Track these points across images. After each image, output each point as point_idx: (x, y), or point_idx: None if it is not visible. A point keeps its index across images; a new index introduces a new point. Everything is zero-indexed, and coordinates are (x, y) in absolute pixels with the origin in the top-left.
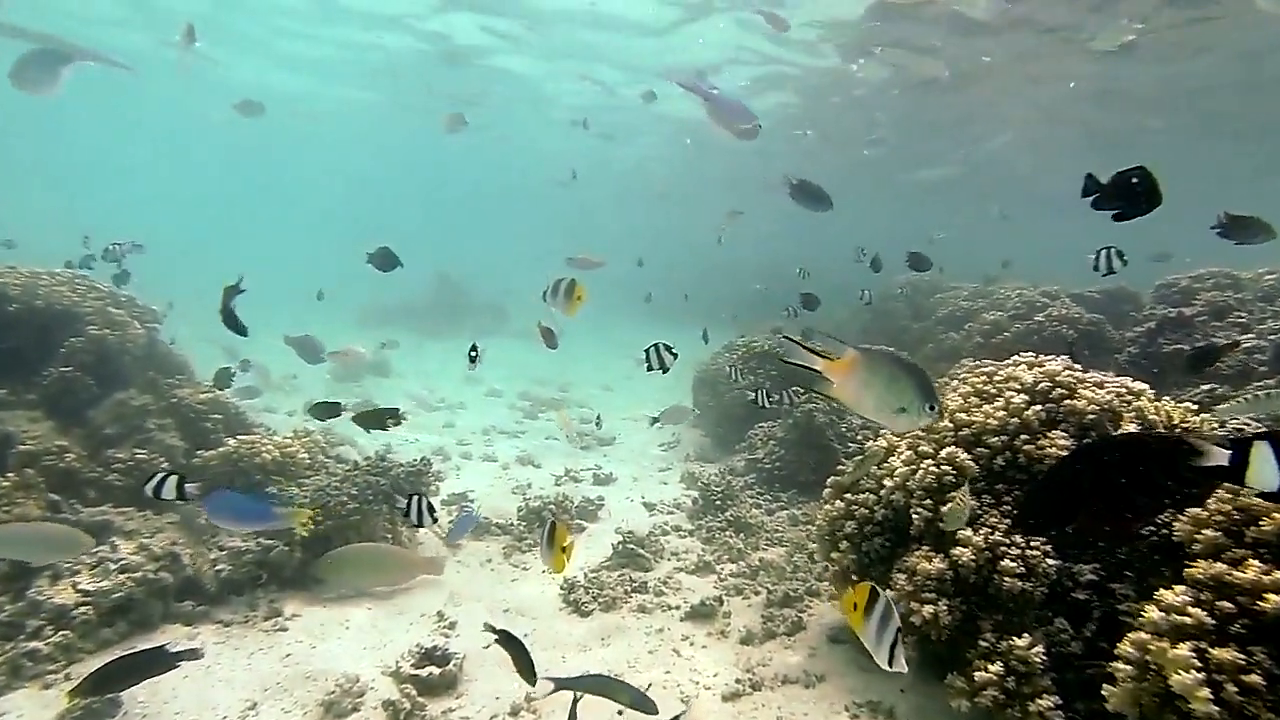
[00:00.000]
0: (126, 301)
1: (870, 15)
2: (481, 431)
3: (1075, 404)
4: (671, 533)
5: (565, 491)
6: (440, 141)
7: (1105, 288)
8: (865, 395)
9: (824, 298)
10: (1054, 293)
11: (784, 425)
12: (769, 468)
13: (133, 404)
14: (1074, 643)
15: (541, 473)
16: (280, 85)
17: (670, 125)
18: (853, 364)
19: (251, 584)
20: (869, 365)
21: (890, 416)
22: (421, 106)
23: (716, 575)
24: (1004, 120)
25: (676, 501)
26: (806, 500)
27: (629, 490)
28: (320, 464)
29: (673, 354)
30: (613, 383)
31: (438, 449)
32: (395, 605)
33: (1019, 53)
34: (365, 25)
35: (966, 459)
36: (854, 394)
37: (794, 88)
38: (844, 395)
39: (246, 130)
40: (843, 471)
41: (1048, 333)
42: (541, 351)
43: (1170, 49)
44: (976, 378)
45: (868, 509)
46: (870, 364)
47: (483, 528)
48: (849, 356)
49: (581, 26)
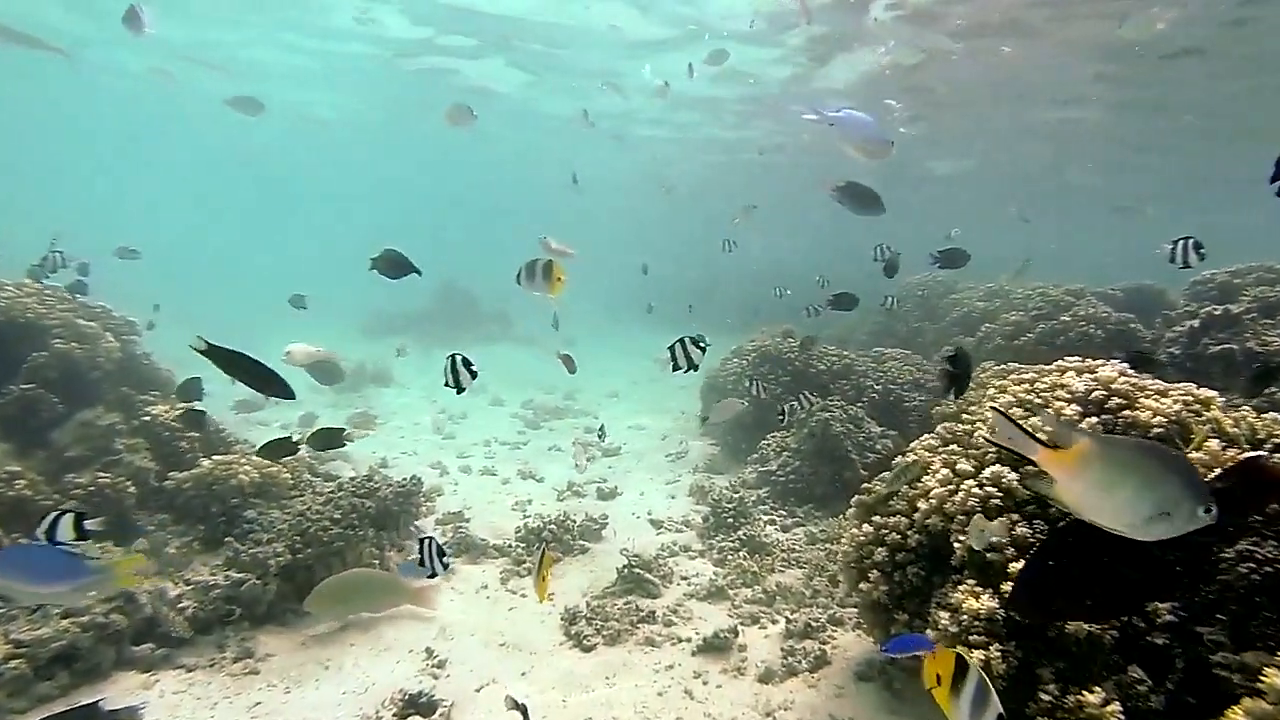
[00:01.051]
0: (101, 313)
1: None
2: (482, 443)
3: (1138, 415)
4: (680, 553)
5: (568, 508)
6: (443, 147)
7: (1128, 285)
8: (1106, 499)
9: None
10: (1078, 291)
11: (798, 435)
12: (783, 481)
13: (99, 423)
14: (1154, 697)
15: (543, 486)
16: (280, 91)
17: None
18: (1086, 456)
19: (221, 622)
20: (1112, 460)
21: (1142, 525)
22: (423, 111)
23: (730, 602)
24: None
25: (685, 518)
26: (823, 515)
27: (635, 505)
28: (307, 483)
29: (701, 348)
30: (619, 389)
31: (435, 462)
32: (381, 640)
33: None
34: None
35: (1014, 480)
36: (1088, 497)
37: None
38: (1071, 497)
39: (251, 136)
40: (869, 490)
41: (1074, 333)
42: (545, 357)
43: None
44: (1017, 386)
45: (900, 534)
46: (1114, 458)
47: (479, 549)
48: (1080, 446)
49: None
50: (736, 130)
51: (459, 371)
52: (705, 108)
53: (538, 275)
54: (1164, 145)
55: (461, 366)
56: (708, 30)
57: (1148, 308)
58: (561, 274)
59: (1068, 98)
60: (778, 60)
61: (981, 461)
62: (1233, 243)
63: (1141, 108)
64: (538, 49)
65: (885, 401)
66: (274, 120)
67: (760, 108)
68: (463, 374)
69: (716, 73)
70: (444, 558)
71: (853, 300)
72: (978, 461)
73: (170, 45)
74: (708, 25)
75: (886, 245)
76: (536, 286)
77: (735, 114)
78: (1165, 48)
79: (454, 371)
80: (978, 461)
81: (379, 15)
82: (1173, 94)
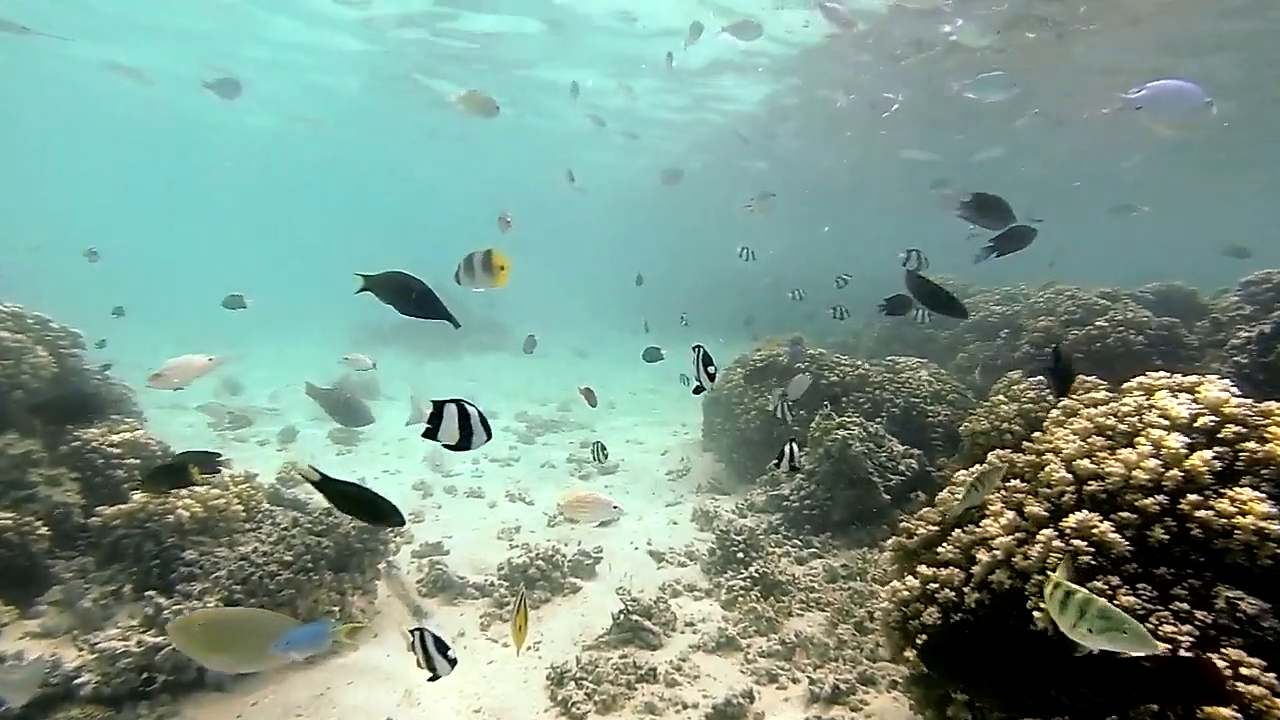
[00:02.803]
0: (35, 324)
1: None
2: (471, 460)
3: (1271, 450)
4: (684, 593)
5: (558, 536)
6: (432, 154)
7: (1157, 287)
8: None
9: (839, 305)
10: (1113, 294)
11: (813, 455)
12: (796, 506)
13: (10, 452)
14: None
15: (534, 510)
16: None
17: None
18: None
19: (134, 697)
20: None
21: None
22: (412, 115)
23: (743, 654)
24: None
25: (689, 549)
26: (843, 545)
27: (633, 532)
28: (265, 515)
29: (710, 373)
30: (617, 400)
31: (419, 483)
32: (333, 708)
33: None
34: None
35: (1108, 530)
36: None
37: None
38: None
39: (238, 140)
40: (910, 531)
41: (1112, 340)
42: (542, 366)
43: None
44: (1096, 410)
45: (953, 590)
46: None
47: (457, 589)
48: None
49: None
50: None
51: (468, 419)
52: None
53: (477, 268)
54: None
55: (474, 422)
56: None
57: (1180, 311)
58: (504, 262)
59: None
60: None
61: (1057, 503)
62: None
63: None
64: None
65: (907, 416)
66: (251, 118)
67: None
68: (475, 429)
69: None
70: (447, 652)
71: (908, 304)
72: (1052, 503)
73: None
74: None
75: (917, 251)
76: (479, 281)
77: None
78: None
79: (449, 419)
80: (1052, 503)
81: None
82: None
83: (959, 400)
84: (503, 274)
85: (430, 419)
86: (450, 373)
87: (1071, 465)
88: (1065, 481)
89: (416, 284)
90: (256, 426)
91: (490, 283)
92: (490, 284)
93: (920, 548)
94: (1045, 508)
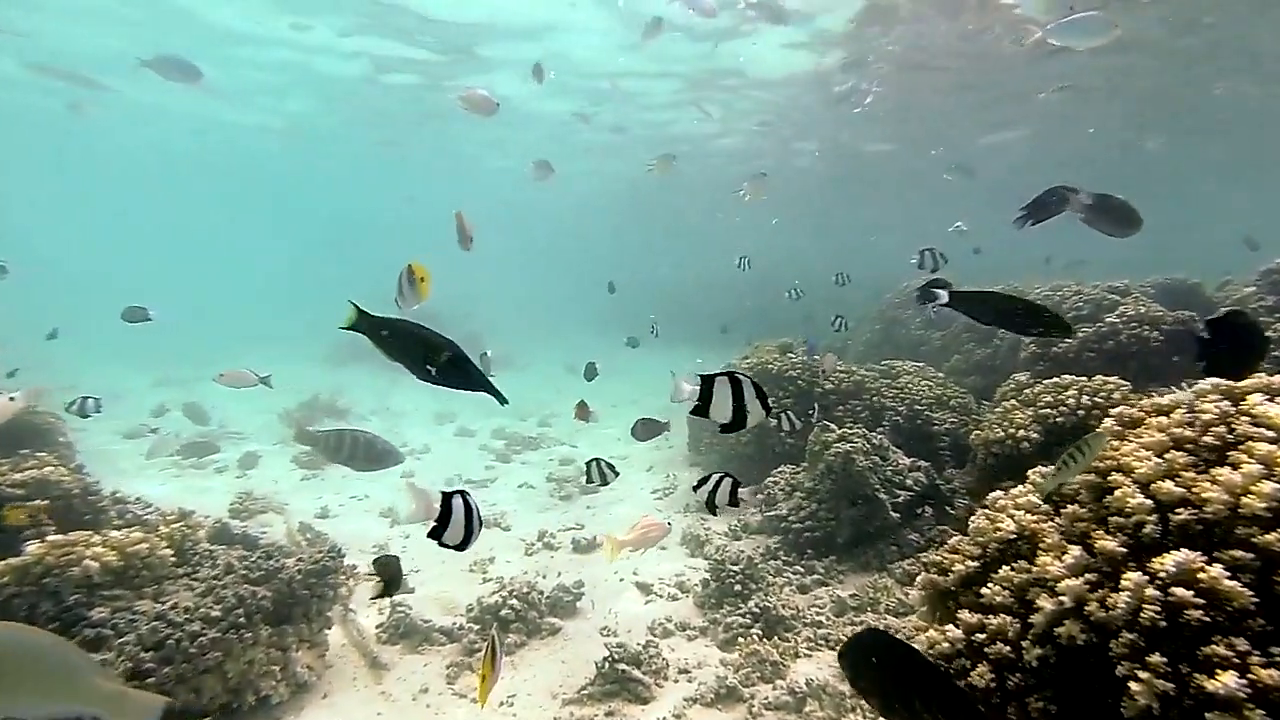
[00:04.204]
0: None
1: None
2: (445, 482)
3: None
4: (676, 632)
5: (536, 567)
6: (403, 161)
7: (1158, 281)
8: None
9: (827, 308)
10: (1123, 288)
11: (812, 472)
12: (797, 528)
13: None
14: None
15: (510, 537)
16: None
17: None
18: None
19: None
20: None
21: None
22: (378, 123)
23: (746, 707)
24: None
25: (679, 578)
26: (849, 569)
27: (618, 562)
28: (204, 557)
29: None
30: (598, 413)
31: (387, 509)
32: None
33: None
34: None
35: (1222, 576)
36: None
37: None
38: None
39: (207, 152)
40: (942, 566)
41: (1126, 337)
42: (521, 380)
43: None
44: (1162, 417)
45: (1007, 643)
46: None
47: (422, 634)
48: None
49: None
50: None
51: (472, 516)
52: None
53: (404, 286)
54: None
55: (475, 519)
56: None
57: (1184, 305)
58: (424, 273)
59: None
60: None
61: (1136, 536)
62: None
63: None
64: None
65: (911, 425)
66: (221, 130)
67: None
68: (475, 527)
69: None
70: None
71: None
72: (1129, 536)
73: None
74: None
75: (937, 250)
76: (411, 299)
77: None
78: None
79: (457, 516)
80: (1129, 536)
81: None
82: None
83: (963, 406)
84: (424, 285)
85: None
86: (426, 390)
87: (1150, 488)
88: (1144, 509)
89: (444, 343)
90: (221, 453)
91: (418, 298)
92: (418, 299)
93: (958, 587)
94: (1121, 541)
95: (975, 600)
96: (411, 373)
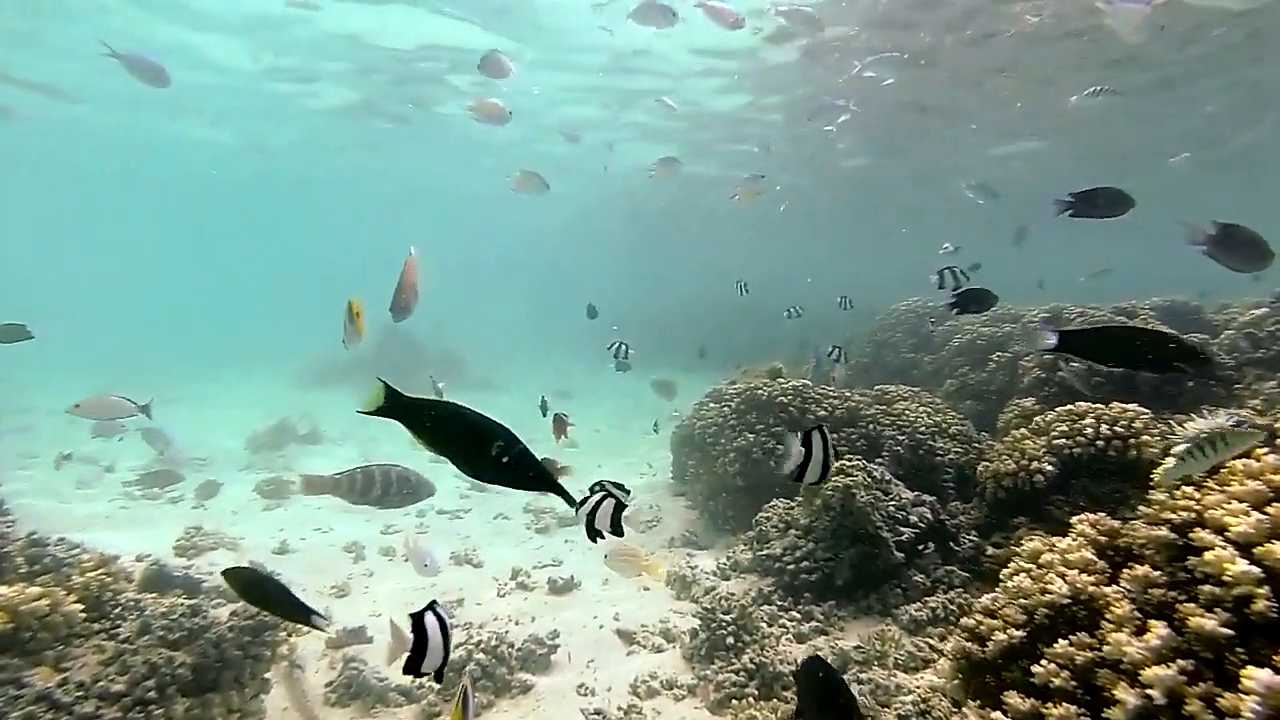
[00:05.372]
0: None
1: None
2: (416, 513)
3: None
4: (663, 691)
5: (510, 611)
6: (387, 179)
7: (1158, 303)
8: None
9: (810, 331)
10: (1131, 309)
11: (808, 507)
12: (792, 568)
13: None
14: None
15: (482, 575)
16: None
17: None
18: None
19: None
20: None
21: None
22: (360, 142)
23: None
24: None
25: (665, 625)
26: (849, 615)
27: (597, 602)
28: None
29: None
30: (580, 438)
31: (351, 544)
32: None
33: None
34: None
35: None
36: None
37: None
38: None
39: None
40: (979, 631)
41: None
42: (499, 404)
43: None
44: (1258, 463)
45: None
46: None
47: (376, 695)
48: None
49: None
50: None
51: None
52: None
53: (345, 325)
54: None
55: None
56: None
57: (1187, 328)
58: (358, 308)
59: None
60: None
61: (1243, 615)
62: None
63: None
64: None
65: (914, 457)
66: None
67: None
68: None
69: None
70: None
71: (985, 300)
72: (1231, 613)
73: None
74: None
75: (958, 268)
76: (350, 337)
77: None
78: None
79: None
80: (1231, 613)
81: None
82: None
83: (964, 434)
84: (359, 319)
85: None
86: None
87: (1254, 552)
88: (1249, 578)
89: (500, 432)
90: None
91: (356, 332)
92: (357, 334)
93: (1000, 659)
94: (1222, 620)
95: (1024, 679)
96: (459, 469)
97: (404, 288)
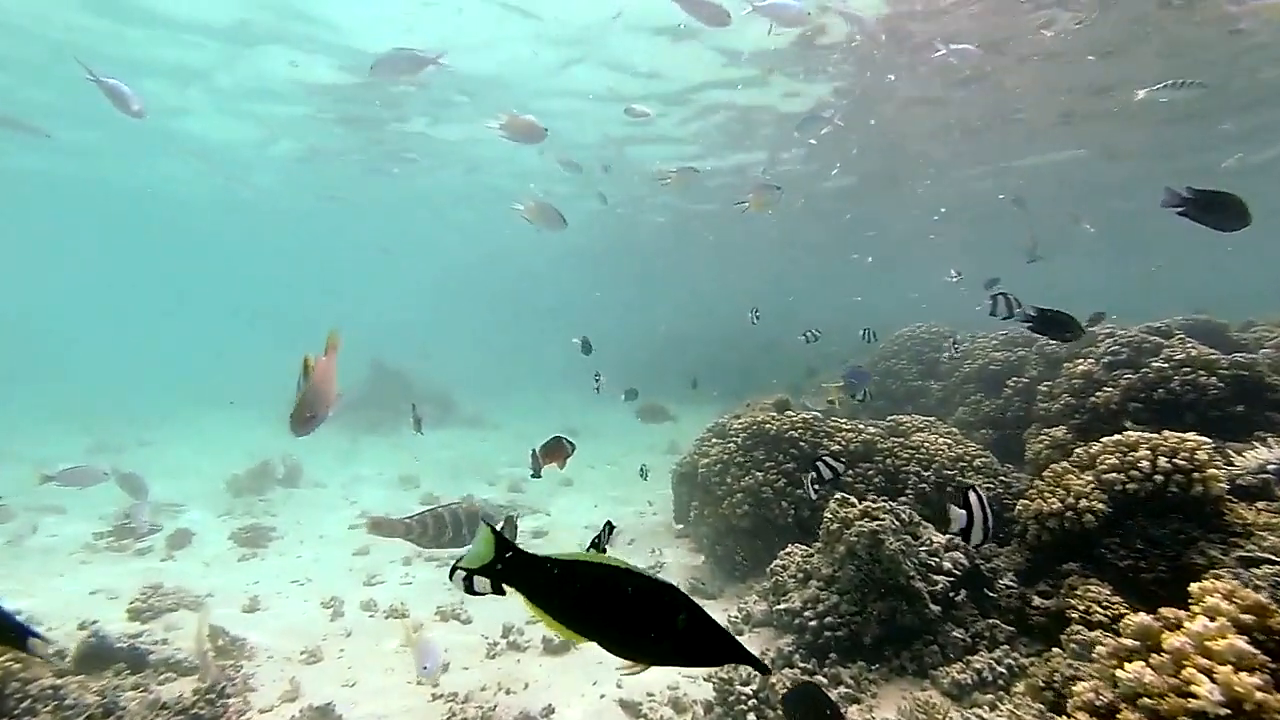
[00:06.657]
0: None
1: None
2: (402, 561)
3: None
4: None
5: (500, 677)
6: (371, 219)
7: (1183, 322)
8: None
9: (814, 359)
10: (1165, 329)
11: (829, 555)
12: (814, 625)
13: None
14: None
15: (470, 632)
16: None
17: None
18: None
19: None
20: None
21: None
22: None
23: None
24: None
25: (675, 694)
26: (881, 677)
27: (598, 664)
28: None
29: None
30: (574, 475)
31: (330, 599)
32: None
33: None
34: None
35: None
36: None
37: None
38: None
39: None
40: (1034, 673)
41: (1179, 384)
42: (492, 441)
43: None
44: None
45: None
46: None
47: None
48: None
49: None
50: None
51: None
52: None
53: (300, 382)
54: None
55: None
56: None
57: (1217, 347)
58: (310, 361)
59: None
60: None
61: None
62: None
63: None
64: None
65: (939, 494)
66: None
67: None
68: None
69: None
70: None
71: (1069, 326)
72: None
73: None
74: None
75: (1011, 295)
76: (309, 405)
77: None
78: None
79: None
80: None
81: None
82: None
83: (988, 467)
84: (308, 365)
85: None
86: (390, 448)
87: None
88: None
89: (672, 595)
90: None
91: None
92: (320, 399)
93: None
94: None
95: None
96: (605, 648)
97: (313, 392)
